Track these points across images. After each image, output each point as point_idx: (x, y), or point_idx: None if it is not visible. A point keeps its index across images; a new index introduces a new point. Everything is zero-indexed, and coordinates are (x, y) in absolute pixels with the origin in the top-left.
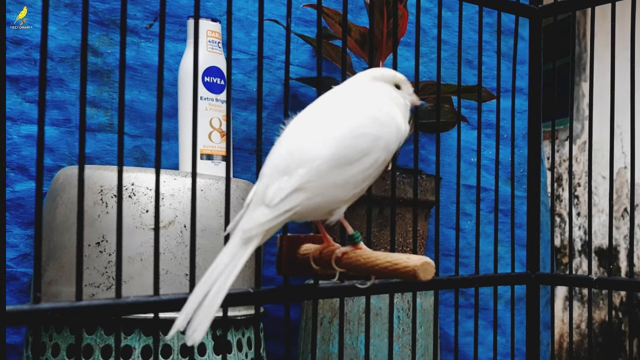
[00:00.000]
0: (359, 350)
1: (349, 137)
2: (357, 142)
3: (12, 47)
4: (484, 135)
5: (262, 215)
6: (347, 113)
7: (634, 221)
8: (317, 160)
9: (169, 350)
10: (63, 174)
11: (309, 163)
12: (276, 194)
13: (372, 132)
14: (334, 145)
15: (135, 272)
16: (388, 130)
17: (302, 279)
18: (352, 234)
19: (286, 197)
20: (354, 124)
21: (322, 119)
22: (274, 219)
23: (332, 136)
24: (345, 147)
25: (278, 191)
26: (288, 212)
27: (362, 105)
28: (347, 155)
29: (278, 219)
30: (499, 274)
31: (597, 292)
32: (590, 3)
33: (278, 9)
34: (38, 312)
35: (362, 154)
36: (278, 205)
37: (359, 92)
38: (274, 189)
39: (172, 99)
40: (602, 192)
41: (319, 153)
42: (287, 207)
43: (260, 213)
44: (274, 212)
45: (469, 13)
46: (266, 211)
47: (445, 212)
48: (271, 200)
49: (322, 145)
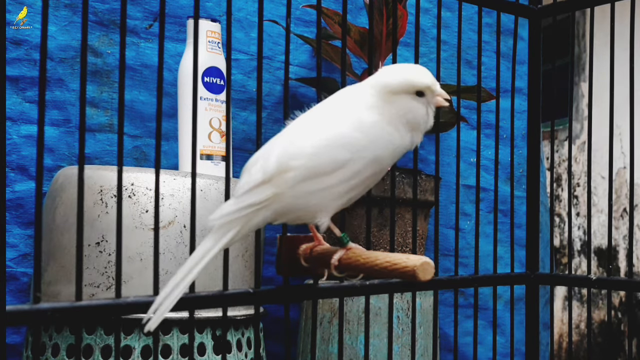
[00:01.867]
0: (358, 350)
1: (324, 147)
2: (334, 152)
3: (12, 47)
4: (483, 135)
5: (228, 206)
6: (334, 122)
7: (633, 221)
8: (291, 170)
9: (168, 350)
10: (63, 174)
11: (282, 168)
12: (242, 186)
13: (355, 144)
14: (309, 155)
15: (135, 272)
16: (378, 144)
17: (302, 278)
18: (339, 236)
19: (250, 190)
20: (332, 134)
21: (311, 124)
22: (237, 211)
23: (310, 144)
24: (320, 157)
25: (245, 184)
26: (253, 205)
27: (353, 115)
28: (321, 166)
29: (242, 211)
30: (498, 274)
31: (597, 292)
32: (590, 3)
33: (277, 9)
34: (38, 312)
35: (338, 165)
36: (242, 197)
37: (358, 100)
38: (243, 181)
39: (171, 99)
40: (602, 192)
41: (293, 163)
42: (252, 201)
43: (227, 203)
44: (239, 203)
45: (468, 13)
46: (232, 202)
47: (445, 212)
48: (237, 190)
49: (299, 152)
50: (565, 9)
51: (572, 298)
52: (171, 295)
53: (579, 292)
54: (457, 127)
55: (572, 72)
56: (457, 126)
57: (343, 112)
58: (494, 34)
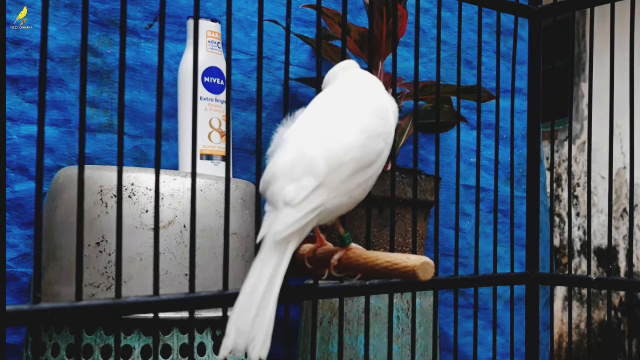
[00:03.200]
0: (358, 350)
1: (368, 138)
2: (375, 143)
3: (12, 47)
4: (483, 135)
5: (288, 216)
6: (358, 112)
7: (633, 221)
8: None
9: (168, 350)
10: (63, 174)
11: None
12: (298, 193)
13: (385, 131)
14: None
15: (135, 272)
16: (390, 125)
17: (302, 278)
18: (343, 235)
19: (308, 195)
20: (367, 125)
21: (335, 119)
22: (301, 219)
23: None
24: (367, 150)
25: (300, 190)
26: (314, 210)
27: (367, 101)
28: (369, 158)
29: (305, 218)
30: (498, 274)
31: (597, 292)
32: (590, 3)
33: (277, 9)
34: (38, 312)
35: (378, 155)
36: (301, 204)
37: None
38: (295, 188)
39: (171, 99)
40: (602, 192)
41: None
42: (312, 206)
43: (285, 214)
44: (300, 211)
45: (468, 13)
46: (291, 211)
47: (445, 212)
48: (292, 199)
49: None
50: (565, 9)
51: (572, 298)
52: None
53: (579, 292)
54: (457, 127)
55: (572, 72)
56: (457, 126)
57: (357, 100)
58: (494, 34)
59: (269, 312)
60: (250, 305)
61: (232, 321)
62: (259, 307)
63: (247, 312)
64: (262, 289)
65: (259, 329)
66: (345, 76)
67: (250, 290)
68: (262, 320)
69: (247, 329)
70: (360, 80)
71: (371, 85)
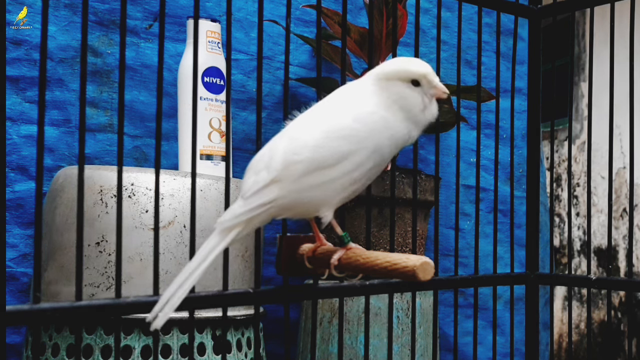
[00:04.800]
0: (358, 350)
1: (327, 139)
2: (335, 144)
3: (12, 47)
4: (483, 135)
5: (237, 207)
6: (333, 115)
7: (633, 221)
8: (296, 164)
9: (168, 350)
10: (63, 174)
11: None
12: (251, 187)
13: (354, 135)
14: (312, 147)
15: (135, 272)
16: (377, 134)
17: (302, 278)
18: (341, 235)
19: (259, 190)
20: (334, 127)
21: (312, 119)
22: (248, 212)
23: (312, 138)
24: (323, 149)
25: (253, 184)
26: (262, 205)
27: (352, 106)
28: (324, 158)
29: (252, 212)
30: (498, 274)
31: (596, 292)
32: (590, 3)
33: (277, 9)
34: (38, 312)
35: (341, 157)
36: (251, 197)
37: (356, 93)
38: (251, 182)
39: (171, 99)
40: (601, 192)
41: (297, 156)
42: (261, 201)
43: (236, 205)
44: (248, 204)
45: (468, 13)
46: (241, 203)
47: (445, 212)
48: (245, 192)
49: (302, 147)
50: (565, 9)
51: (572, 298)
52: (176, 294)
53: (578, 292)
54: (457, 127)
55: (572, 72)
56: (457, 126)
57: (342, 105)
58: (493, 34)
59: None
60: (178, 279)
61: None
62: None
63: (172, 285)
64: (190, 268)
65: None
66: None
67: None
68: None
69: (164, 299)
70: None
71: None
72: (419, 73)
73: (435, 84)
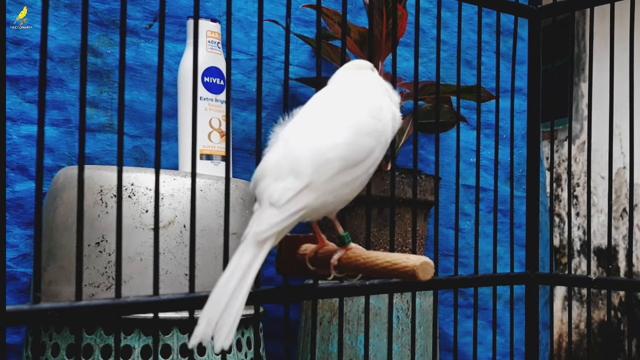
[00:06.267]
0: (358, 350)
1: (356, 136)
2: (364, 141)
3: (12, 47)
4: (483, 135)
5: (272, 217)
6: (350, 111)
7: (632, 221)
8: (329, 164)
9: (168, 350)
10: (63, 174)
11: (319, 164)
12: (283, 195)
13: (376, 129)
14: (343, 145)
15: (135, 272)
16: (388, 125)
17: (302, 278)
18: (342, 234)
19: (294, 197)
20: (360, 124)
21: (326, 117)
22: (284, 220)
23: (342, 135)
24: (355, 149)
25: (285, 191)
26: (297, 212)
27: (362, 101)
28: (356, 157)
29: (289, 219)
30: (498, 274)
31: (596, 292)
32: (589, 3)
33: (277, 9)
34: (38, 312)
35: (368, 153)
36: (286, 205)
37: (355, 86)
38: (280, 189)
39: (171, 99)
40: (601, 192)
41: (329, 156)
42: (296, 208)
43: (270, 214)
44: (284, 212)
45: (468, 13)
46: (275, 212)
47: (445, 212)
48: (278, 200)
49: (333, 145)
50: (565, 9)
51: (572, 298)
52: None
53: (578, 292)
54: (457, 127)
55: (572, 72)
56: (457, 126)
57: (351, 99)
58: (493, 34)
59: (238, 305)
60: (222, 297)
61: (205, 311)
62: (230, 299)
63: (218, 304)
64: (234, 283)
65: (225, 320)
66: (351, 74)
67: (224, 283)
68: (230, 312)
69: (216, 319)
70: (363, 80)
71: (371, 86)
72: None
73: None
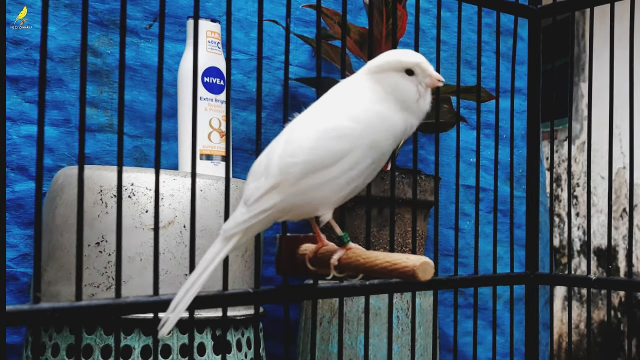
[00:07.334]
0: (358, 350)
1: (321, 140)
2: (331, 144)
3: (12, 47)
4: (483, 135)
5: (240, 215)
6: (328, 115)
7: (632, 221)
8: (293, 167)
9: (168, 350)
10: (63, 174)
11: (285, 166)
12: (252, 194)
13: (350, 134)
14: (307, 149)
15: (135, 272)
16: (373, 129)
17: (302, 279)
18: (340, 235)
19: (261, 197)
20: (327, 127)
21: (307, 121)
22: (251, 219)
23: (308, 139)
24: (321, 153)
25: (254, 191)
26: (264, 212)
27: (346, 104)
28: (322, 160)
29: (255, 218)
30: (498, 274)
31: (596, 292)
32: (589, 3)
33: (277, 9)
34: (38, 312)
35: (338, 157)
36: (254, 204)
37: (350, 90)
38: (252, 188)
39: (171, 99)
40: (601, 192)
41: (294, 160)
42: (263, 207)
43: (239, 212)
44: (251, 211)
45: (468, 13)
46: (244, 210)
47: (445, 212)
48: (247, 199)
49: (298, 148)
50: (565, 9)
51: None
52: (183, 300)
53: (578, 292)
54: (457, 127)
55: (572, 72)
56: (457, 126)
57: (337, 103)
58: (493, 34)
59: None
60: (185, 285)
61: (172, 301)
62: (187, 290)
63: (179, 292)
64: (197, 273)
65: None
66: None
67: (191, 275)
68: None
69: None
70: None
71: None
72: (411, 62)
73: (430, 72)
